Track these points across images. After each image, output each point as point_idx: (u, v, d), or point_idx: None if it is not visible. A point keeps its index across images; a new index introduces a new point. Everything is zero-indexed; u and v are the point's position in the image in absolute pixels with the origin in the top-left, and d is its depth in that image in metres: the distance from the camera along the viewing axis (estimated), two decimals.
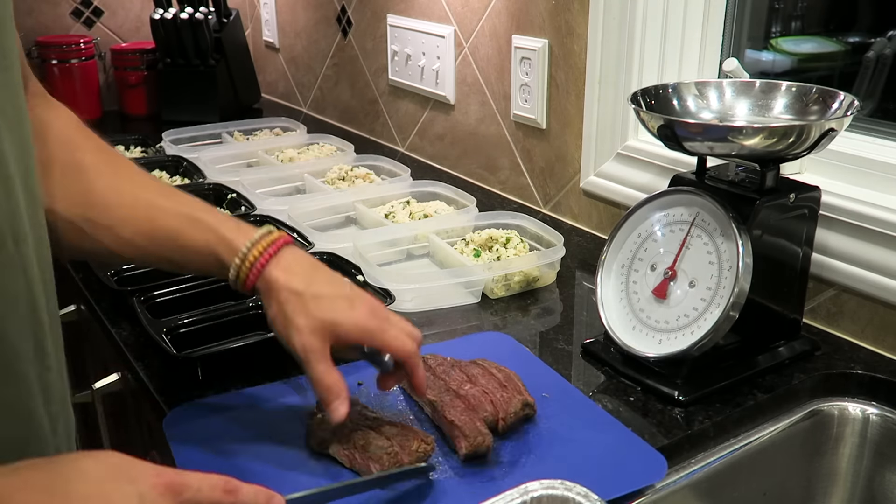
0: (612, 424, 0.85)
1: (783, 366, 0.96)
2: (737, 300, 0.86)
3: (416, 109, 1.80)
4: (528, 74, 1.44)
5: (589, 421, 0.85)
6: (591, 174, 1.35)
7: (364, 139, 1.98)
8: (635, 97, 0.98)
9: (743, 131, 0.86)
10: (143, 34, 2.22)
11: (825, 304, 1.05)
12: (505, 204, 1.53)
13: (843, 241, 1.02)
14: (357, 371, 0.90)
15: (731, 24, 1.23)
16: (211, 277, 0.80)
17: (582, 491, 0.66)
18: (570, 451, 0.80)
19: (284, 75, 2.33)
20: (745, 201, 0.90)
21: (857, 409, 0.95)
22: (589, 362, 0.98)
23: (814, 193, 0.95)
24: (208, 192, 1.48)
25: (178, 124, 1.87)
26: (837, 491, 0.97)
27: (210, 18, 2.03)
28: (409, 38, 1.73)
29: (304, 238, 1.23)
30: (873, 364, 0.97)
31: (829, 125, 0.86)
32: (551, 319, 1.11)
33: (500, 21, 1.49)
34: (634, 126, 1.29)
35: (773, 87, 1.01)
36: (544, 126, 1.44)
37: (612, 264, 0.98)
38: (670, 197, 0.95)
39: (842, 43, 1.25)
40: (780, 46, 1.28)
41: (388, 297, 1.05)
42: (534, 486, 0.66)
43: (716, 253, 0.89)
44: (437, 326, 1.07)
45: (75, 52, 2.08)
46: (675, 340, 0.89)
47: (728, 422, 0.88)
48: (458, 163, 1.71)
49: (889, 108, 1.12)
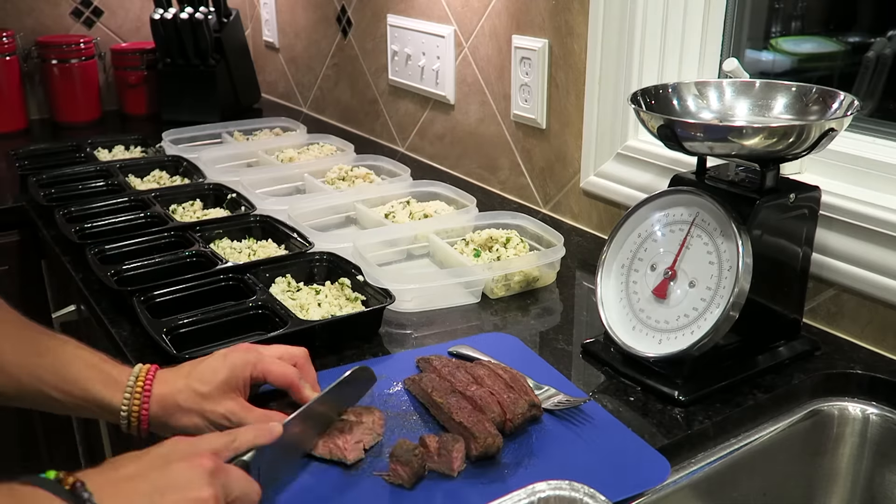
0: (616, 426, 0.84)
1: (783, 366, 0.96)
2: (737, 300, 0.86)
3: (416, 109, 1.80)
4: (528, 74, 1.44)
5: (593, 423, 0.85)
6: (591, 174, 1.35)
7: (364, 139, 1.98)
8: (635, 97, 0.98)
9: (743, 131, 0.86)
10: (143, 34, 2.22)
11: (825, 304, 1.05)
12: (505, 204, 1.53)
13: (843, 241, 1.02)
14: None
15: (731, 24, 1.23)
16: None
17: (589, 492, 0.66)
18: (574, 453, 0.80)
19: (284, 75, 2.33)
20: (745, 201, 0.90)
21: (857, 409, 0.95)
22: (589, 362, 0.98)
23: (814, 193, 0.95)
24: (208, 192, 1.48)
25: (178, 124, 1.87)
26: (837, 491, 0.97)
27: (210, 18, 2.03)
28: (409, 38, 1.73)
29: (304, 238, 1.23)
30: (873, 364, 0.97)
31: (829, 125, 0.86)
32: (551, 319, 1.11)
33: (500, 21, 1.49)
34: (634, 126, 1.29)
35: (773, 87, 1.01)
36: (544, 126, 1.44)
37: (612, 264, 0.98)
38: (670, 197, 0.95)
39: (842, 43, 1.25)
40: (780, 46, 1.28)
41: (388, 297, 1.05)
42: (541, 486, 0.66)
43: (716, 253, 0.89)
44: (437, 326, 1.07)
45: (75, 52, 2.08)
46: (675, 340, 0.89)
47: (728, 422, 0.88)
48: (458, 163, 1.71)
49: (889, 108, 1.12)
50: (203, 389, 0.78)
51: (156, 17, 2.00)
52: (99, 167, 1.61)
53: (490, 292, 1.14)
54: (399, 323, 1.08)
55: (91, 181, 1.55)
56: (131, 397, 0.77)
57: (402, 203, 1.39)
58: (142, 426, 0.78)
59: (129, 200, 1.42)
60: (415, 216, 1.33)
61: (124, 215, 1.36)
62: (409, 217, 1.33)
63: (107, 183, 1.54)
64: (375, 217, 1.34)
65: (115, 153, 1.77)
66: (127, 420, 0.78)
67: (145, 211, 1.37)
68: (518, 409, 0.81)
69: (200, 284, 1.10)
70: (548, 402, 0.86)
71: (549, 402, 0.87)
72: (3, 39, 1.99)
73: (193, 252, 1.20)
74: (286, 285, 1.12)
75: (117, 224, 1.33)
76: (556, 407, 0.86)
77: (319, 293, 1.09)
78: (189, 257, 1.19)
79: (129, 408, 0.77)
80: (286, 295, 1.09)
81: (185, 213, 1.41)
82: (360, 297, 1.09)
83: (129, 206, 1.41)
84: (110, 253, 1.20)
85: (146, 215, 1.35)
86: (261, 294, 1.06)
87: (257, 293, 1.06)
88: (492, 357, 0.95)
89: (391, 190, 1.46)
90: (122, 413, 0.78)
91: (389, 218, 1.33)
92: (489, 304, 1.13)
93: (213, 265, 1.15)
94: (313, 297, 1.08)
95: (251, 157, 1.71)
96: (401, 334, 1.05)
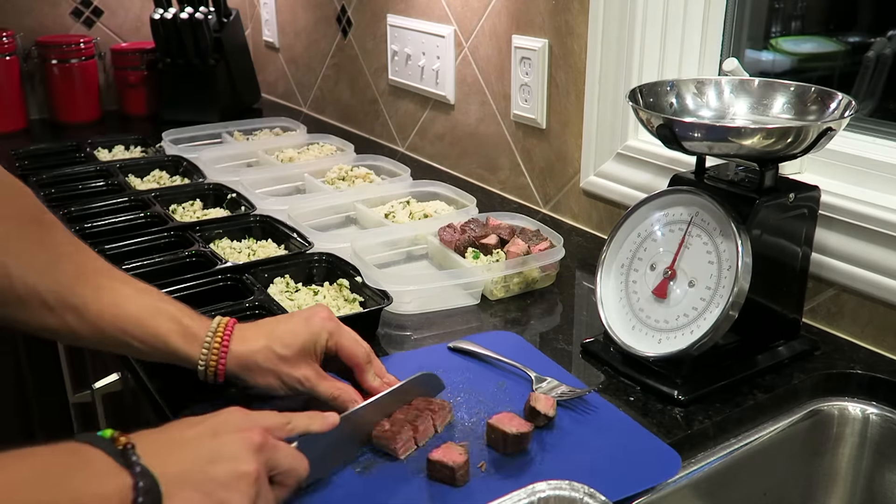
0: (623, 420, 0.86)
1: (783, 365, 0.96)
2: (736, 300, 0.86)
3: (416, 109, 1.80)
4: (528, 74, 1.44)
5: (600, 417, 0.86)
6: (591, 174, 1.35)
7: (364, 139, 1.98)
8: (634, 94, 0.98)
9: (742, 131, 0.86)
10: (143, 34, 2.22)
11: (825, 304, 1.05)
12: (505, 204, 1.53)
13: (842, 240, 1.01)
14: None
15: (731, 24, 1.23)
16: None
17: (589, 491, 0.66)
18: (585, 448, 0.81)
19: (284, 75, 2.33)
20: (745, 201, 0.90)
21: (857, 409, 0.95)
22: (589, 362, 0.98)
23: (813, 193, 0.95)
24: (208, 192, 1.48)
25: (178, 124, 1.86)
26: (837, 491, 0.97)
27: (210, 18, 2.03)
28: (409, 37, 1.73)
29: (304, 238, 1.23)
30: (873, 364, 0.97)
31: (827, 125, 0.86)
32: (551, 320, 1.11)
33: (500, 21, 1.49)
34: (634, 126, 1.29)
35: (772, 87, 1.01)
36: (544, 126, 1.44)
37: (612, 264, 0.98)
38: (670, 196, 0.95)
39: (842, 43, 1.25)
40: (780, 46, 1.28)
41: (386, 298, 1.05)
42: (541, 486, 0.67)
43: (715, 252, 0.89)
44: (437, 328, 1.07)
45: (75, 52, 2.08)
46: (674, 340, 0.89)
47: (728, 422, 0.88)
48: (458, 163, 1.71)
49: (889, 108, 1.12)
50: (283, 352, 0.80)
51: (156, 17, 2.00)
52: (99, 167, 1.61)
53: (489, 294, 1.14)
54: (398, 324, 1.08)
55: (91, 181, 1.55)
56: (209, 353, 0.79)
57: (402, 203, 1.39)
58: (218, 378, 0.80)
59: (129, 200, 1.42)
60: (415, 216, 1.33)
61: (124, 215, 1.35)
62: (409, 217, 1.33)
63: (107, 183, 1.54)
64: (375, 217, 1.34)
65: (115, 153, 1.77)
66: (204, 373, 0.80)
67: (145, 211, 1.37)
68: None
69: (199, 284, 1.10)
70: (551, 394, 0.88)
71: (553, 393, 0.88)
72: (3, 39, 1.99)
73: (193, 252, 1.20)
74: (284, 286, 1.12)
75: (117, 224, 1.33)
76: (559, 398, 0.87)
77: (318, 294, 1.09)
78: (189, 257, 1.19)
79: (206, 362, 0.79)
80: (284, 295, 1.09)
81: (185, 213, 1.41)
82: (358, 298, 1.09)
83: (129, 206, 1.41)
84: (110, 253, 1.20)
85: (146, 215, 1.35)
86: (258, 294, 1.06)
87: (255, 293, 1.06)
88: (492, 352, 0.96)
89: (391, 190, 1.46)
90: (200, 367, 0.80)
91: (389, 218, 1.33)
92: (489, 305, 1.13)
93: (212, 265, 1.15)
94: (311, 297, 1.08)
95: (251, 157, 1.71)
96: (400, 336, 1.05)
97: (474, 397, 0.89)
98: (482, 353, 0.97)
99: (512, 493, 0.67)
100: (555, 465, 0.78)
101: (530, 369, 0.93)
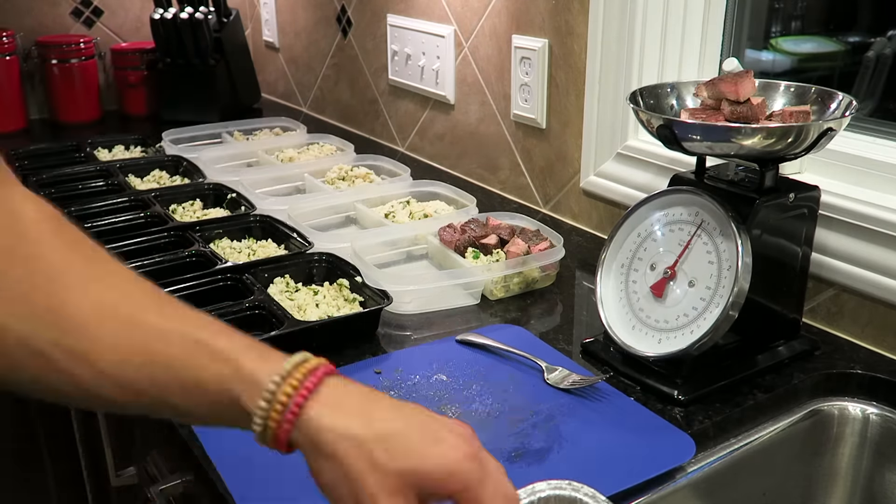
0: (634, 407, 0.88)
1: (783, 365, 0.96)
2: (736, 300, 0.86)
3: (416, 109, 1.80)
4: (528, 74, 1.44)
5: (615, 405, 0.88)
6: (591, 174, 1.35)
7: (364, 139, 1.98)
8: (634, 96, 0.98)
9: (742, 131, 0.86)
10: (143, 34, 2.22)
11: (825, 303, 1.05)
12: (505, 204, 1.53)
13: (842, 240, 1.01)
14: None
15: (731, 24, 1.23)
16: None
17: (589, 492, 0.66)
18: (600, 435, 0.83)
19: (284, 75, 2.33)
20: (745, 201, 0.90)
21: (857, 409, 0.95)
22: (589, 362, 0.98)
23: (813, 193, 0.95)
24: (208, 192, 1.48)
25: (178, 124, 1.86)
26: (837, 491, 0.97)
27: (210, 18, 2.03)
28: (409, 37, 1.73)
29: (304, 238, 1.23)
30: (873, 364, 0.97)
31: (827, 125, 0.86)
32: (551, 319, 1.11)
33: (500, 21, 1.49)
34: (634, 126, 1.29)
35: (772, 87, 1.01)
36: (544, 126, 1.44)
37: (612, 264, 0.98)
38: (670, 196, 0.95)
39: (842, 43, 1.25)
40: (780, 46, 1.28)
41: (385, 298, 1.05)
42: (541, 486, 0.66)
43: (715, 252, 0.89)
44: (437, 328, 1.07)
45: (75, 52, 2.08)
46: (674, 340, 0.89)
47: (728, 421, 0.88)
48: (458, 163, 1.71)
49: (889, 107, 1.12)
50: (379, 459, 0.52)
51: (156, 17, 2.00)
52: (99, 167, 1.61)
53: (489, 294, 1.14)
54: (399, 324, 1.08)
55: (91, 181, 1.55)
56: (269, 408, 0.54)
57: (402, 203, 1.39)
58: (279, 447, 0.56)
59: (129, 200, 1.42)
60: (415, 216, 1.33)
61: (124, 215, 1.36)
62: (409, 217, 1.33)
63: (107, 183, 1.54)
64: (375, 217, 1.34)
65: (115, 153, 1.77)
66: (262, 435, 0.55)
67: (145, 211, 1.37)
68: None
69: (199, 284, 1.10)
70: (563, 383, 0.90)
71: (565, 382, 0.91)
72: (3, 39, 1.98)
73: (193, 252, 1.20)
74: (284, 286, 1.12)
75: (117, 224, 1.33)
76: (572, 386, 0.90)
77: (318, 294, 1.09)
78: (189, 257, 1.19)
79: (264, 422, 0.54)
80: (284, 295, 1.09)
81: (185, 212, 1.41)
82: (358, 298, 1.09)
83: (129, 205, 1.41)
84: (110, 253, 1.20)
85: (146, 215, 1.35)
86: (258, 294, 1.06)
87: (255, 293, 1.06)
88: (500, 343, 0.98)
89: (391, 190, 1.46)
90: (256, 426, 0.55)
91: (389, 218, 1.33)
92: (489, 305, 1.13)
93: (212, 265, 1.15)
94: (311, 297, 1.08)
95: (251, 156, 1.71)
96: (400, 335, 1.05)
97: (487, 388, 0.91)
98: (492, 346, 0.99)
99: None
100: (571, 452, 0.80)
101: (540, 359, 0.95)
